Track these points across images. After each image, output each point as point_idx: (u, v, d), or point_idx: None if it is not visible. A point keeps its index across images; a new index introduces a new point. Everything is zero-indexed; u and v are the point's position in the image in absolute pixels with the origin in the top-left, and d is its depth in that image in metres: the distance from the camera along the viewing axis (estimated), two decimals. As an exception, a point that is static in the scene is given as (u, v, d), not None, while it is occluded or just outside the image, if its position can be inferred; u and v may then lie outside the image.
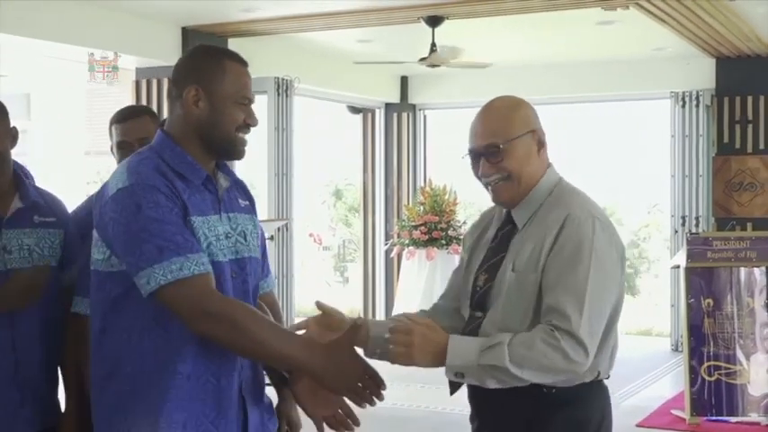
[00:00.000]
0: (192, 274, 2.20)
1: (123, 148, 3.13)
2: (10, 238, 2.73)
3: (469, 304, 2.51)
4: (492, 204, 2.61)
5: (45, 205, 2.85)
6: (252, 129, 2.43)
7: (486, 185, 2.50)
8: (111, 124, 3.19)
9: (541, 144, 2.48)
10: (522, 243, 2.42)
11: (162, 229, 2.21)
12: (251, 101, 2.41)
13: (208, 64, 2.38)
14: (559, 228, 2.35)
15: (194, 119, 2.35)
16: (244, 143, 2.41)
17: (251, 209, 2.53)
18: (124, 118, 3.21)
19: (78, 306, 2.78)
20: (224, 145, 2.38)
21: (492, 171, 2.45)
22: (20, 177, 2.82)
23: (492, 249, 2.51)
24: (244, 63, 2.42)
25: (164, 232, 2.21)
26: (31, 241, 2.76)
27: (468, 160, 2.52)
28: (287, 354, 2.26)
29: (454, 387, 2.44)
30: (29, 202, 2.79)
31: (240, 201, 2.49)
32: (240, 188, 2.52)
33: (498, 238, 2.52)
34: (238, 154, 2.41)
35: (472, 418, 2.56)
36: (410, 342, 2.29)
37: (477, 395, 2.47)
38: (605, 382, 2.51)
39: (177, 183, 2.30)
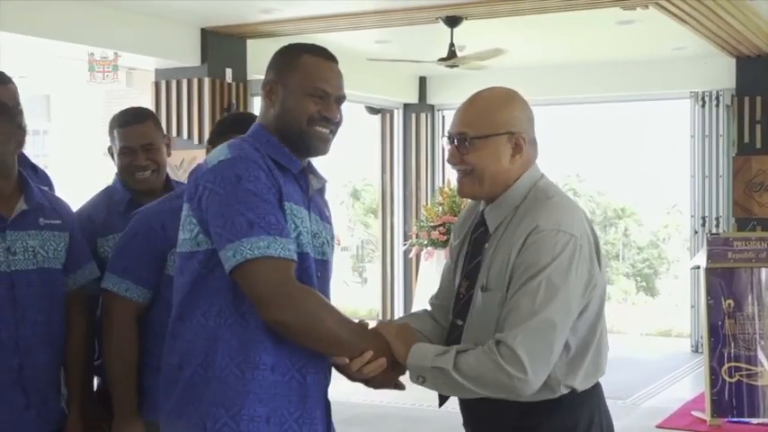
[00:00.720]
0: (278, 256, 2.15)
1: (126, 155, 3.11)
2: (15, 239, 2.72)
3: (452, 310, 2.45)
4: None
5: (50, 208, 2.85)
6: (334, 122, 2.37)
7: (455, 173, 2.44)
8: (113, 128, 3.13)
9: (518, 149, 2.34)
10: (494, 251, 2.33)
11: (257, 204, 2.16)
12: (328, 93, 2.35)
13: (285, 58, 2.38)
14: (523, 241, 2.24)
15: (271, 112, 2.36)
16: (320, 137, 2.35)
17: (330, 221, 2.48)
18: (127, 122, 3.14)
19: (108, 282, 2.83)
20: (295, 138, 2.33)
21: (456, 161, 2.38)
22: (25, 179, 2.82)
23: (469, 253, 2.44)
24: (326, 56, 2.40)
25: (258, 208, 2.16)
26: (35, 243, 2.76)
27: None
28: (362, 346, 2.25)
29: (442, 399, 2.46)
30: (34, 204, 2.79)
31: (324, 209, 2.46)
32: (323, 197, 2.49)
33: (473, 241, 2.43)
34: (314, 149, 2.36)
35: (465, 425, 2.53)
36: (390, 330, 2.35)
37: (465, 404, 2.46)
38: (599, 386, 2.41)
39: (272, 168, 2.26)
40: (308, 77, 2.34)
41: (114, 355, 2.79)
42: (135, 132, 3.13)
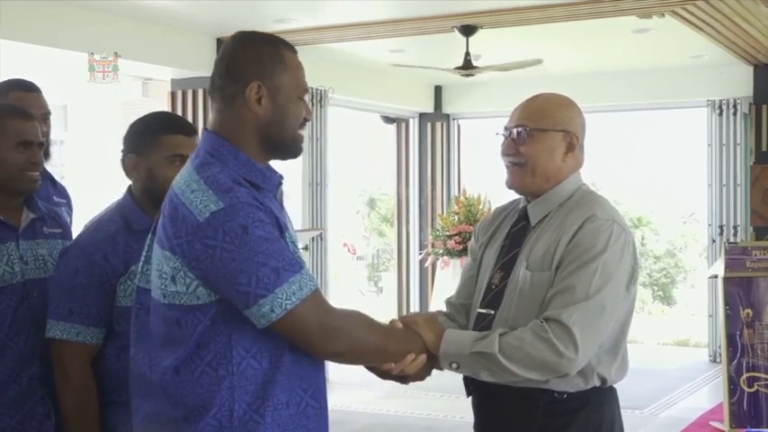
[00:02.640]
0: (311, 291, 2.06)
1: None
2: (25, 249, 2.75)
3: (481, 302, 2.47)
4: (505, 200, 2.65)
5: (50, 217, 2.88)
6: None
7: (506, 166, 2.50)
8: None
9: (571, 147, 2.45)
10: (536, 240, 2.41)
11: (273, 248, 2.03)
12: (307, 92, 2.25)
13: (268, 56, 2.16)
14: (578, 227, 2.33)
15: (255, 119, 2.14)
16: (302, 140, 2.25)
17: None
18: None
19: (54, 330, 2.62)
20: (286, 144, 2.20)
21: (511, 151, 2.46)
22: None
23: (506, 247, 2.49)
24: (295, 50, 2.23)
25: (275, 252, 2.02)
26: (44, 252, 2.78)
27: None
28: (405, 350, 2.26)
29: (469, 390, 2.48)
30: (39, 213, 2.82)
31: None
32: None
33: (511, 235, 2.50)
34: (298, 152, 2.26)
35: (477, 427, 2.53)
36: (419, 321, 2.39)
37: (483, 403, 2.47)
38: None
39: (258, 195, 2.11)
40: (297, 78, 2.22)
41: (73, 408, 2.61)
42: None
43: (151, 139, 2.69)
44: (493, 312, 2.41)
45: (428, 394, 7.18)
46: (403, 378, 2.36)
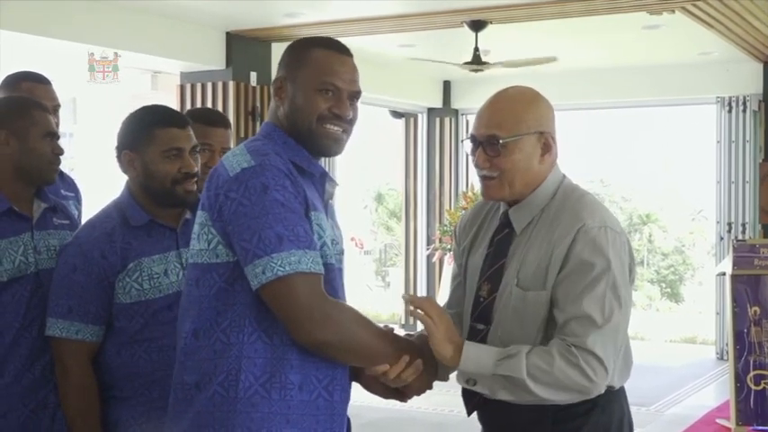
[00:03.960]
0: (310, 271, 2.03)
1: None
2: (39, 239, 2.77)
3: (471, 315, 2.37)
4: None
5: (58, 207, 2.90)
6: (346, 120, 2.22)
7: (479, 177, 2.35)
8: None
9: (548, 148, 2.29)
10: (524, 251, 2.27)
11: (285, 216, 2.03)
12: (339, 88, 2.19)
13: (295, 53, 2.23)
14: (571, 241, 2.19)
15: (281, 111, 2.21)
16: (330, 136, 2.20)
17: (340, 229, 2.35)
18: (214, 122, 3.04)
19: (53, 328, 2.62)
20: (305, 137, 2.19)
21: (486, 165, 2.29)
22: None
23: (490, 256, 2.35)
24: (338, 49, 2.23)
25: (286, 220, 2.02)
26: (55, 242, 2.80)
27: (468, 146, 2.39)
28: (398, 352, 2.19)
29: (470, 408, 2.41)
30: (50, 203, 2.85)
31: (335, 215, 2.33)
32: (332, 203, 2.34)
33: (495, 243, 2.35)
34: (326, 149, 2.22)
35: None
36: (437, 327, 2.24)
37: (490, 418, 2.39)
38: (637, 397, 2.42)
39: (297, 176, 2.12)
40: (317, 72, 2.18)
41: (74, 406, 2.61)
42: (221, 135, 3.18)
43: (145, 134, 2.67)
44: (485, 327, 2.32)
45: (435, 389, 7.17)
46: (402, 394, 2.29)
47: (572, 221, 2.21)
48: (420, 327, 2.33)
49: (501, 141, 2.26)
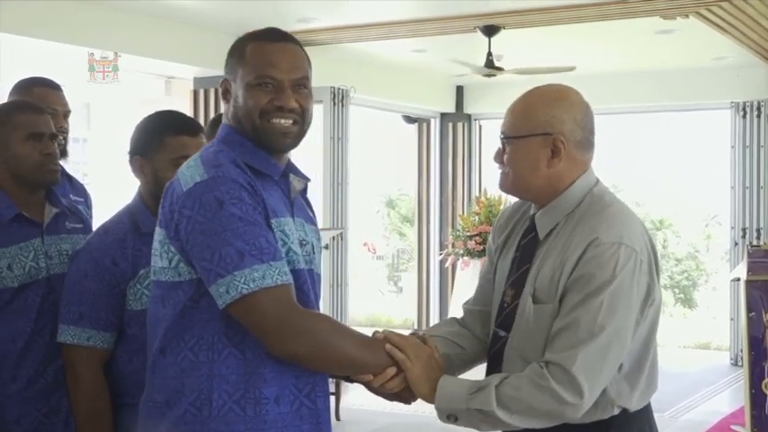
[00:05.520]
0: (276, 284, 1.96)
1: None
2: (50, 244, 2.78)
3: (495, 320, 2.31)
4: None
5: (71, 212, 2.91)
6: (293, 111, 2.12)
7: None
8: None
9: (557, 151, 2.19)
10: (544, 259, 2.20)
11: (244, 229, 1.96)
12: (277, 79, 2.10)
13: (234, 51, 2.18)
14: (581, 253, 2.10)
15: (230, 113, 2.16)
16: (278, 130, 2.12)
17: (315, 221, 2.30)
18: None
19: (65, 335, 2.61)
20: (254, 136, 2.12)
21: (498, 159, 2.29)
22: None
23: (516, 260, 2.29)
24: (274, 38, 2.16)
25: (246, 234, 1.96)
26: (67, 246, 2.80)
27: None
28: (383, 363, 2.14)
29: None
30: (61, 208, 2.85)
31: (308, 210, 2.28)
32: (306, 197, 2.30)
33: (521, 248, 2.29)
34: (275, 144, 2.13)
35: None
36: (413, 364, 2.19)
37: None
38: (648, 405, 2.29)
39: (254, 180, 2.06)
40: (253, 66, 2.10)
41: (85, 413, 2.59)
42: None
43: (156, 141, 2.65)
44: (506, 335, 2.26)
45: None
46: (404, 397, 2.24)
47: (587, 234, 2.13)
48: (431, 323, 2.30)
49: (506, 138, 2.24)
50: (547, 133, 2.19)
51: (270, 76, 2.10)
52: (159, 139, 2.65)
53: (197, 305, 2.04)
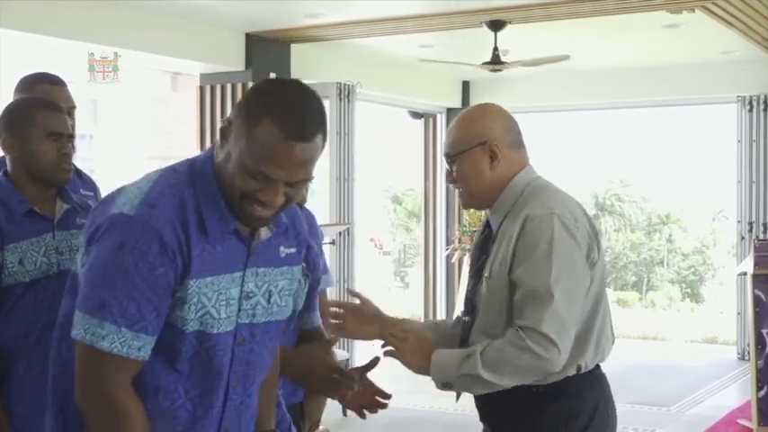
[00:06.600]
0: (110, 352, 1.85)
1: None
2: (61, 240, 2.80)
3: (464, 308, 2.60)
4: None
5: (82, 207, 2.93)
6: (275, 206, 1.92)
7: None
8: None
9: (494, 155, 2.50)
10: (497, 248, 2.47)
11: (123, 285, 1.85)
12: (272, 180, 1.87)
13: (250, 109, 1.89)
14: (519, 230, 2.39)
15: (219, 155, 1.95)
16: (251, 216, 1.93)
17: (294, 258, 2.12)
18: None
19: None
20: (228, 200, 1.96)
21: (450, 180, 2.58)
22: None
23: (475, 254, 2.61)
24: (291, 132, 1.84)
25: (120, 289, 1.85)
26: (78, 242, 2.81)
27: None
28: None
29: (459, 393, 2.59)
30: (72, 204, 2.88)
31: (282, 249, 2.08)
32: (291, 231, 2.12)
33: (480, 244, 2.60)
34: (244, 222, 1.96)
35: (481, 419, 2.66)
36: (404, 343, 2.48)
37: (478, 398, 2.57)
38: (601, 372, 2.53)
39: (193, 231, 1.91)
40: (256, 154, 1.85)
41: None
42: None
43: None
44: (470, 318, 2.55)
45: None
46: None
47: (522, 214, 2.42)
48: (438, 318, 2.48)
49: (451, 157, 2.54)
50: (482, 142, 2.50)
51: (266, 174, 1.86)
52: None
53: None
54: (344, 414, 6.69)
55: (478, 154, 2.50)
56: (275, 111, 1.85)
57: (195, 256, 1.90)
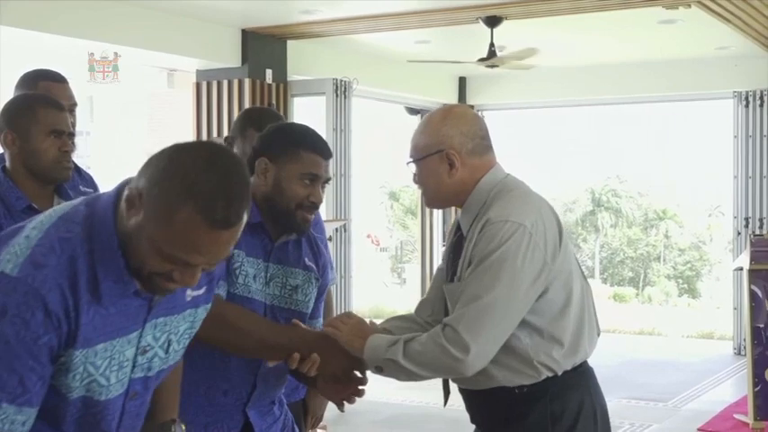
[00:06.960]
0: None
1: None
2: None
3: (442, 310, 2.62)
4: None
5: None
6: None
7: None
8: (250, 128, 2.98)
9: (452, 163, 2.46)
10: (467, 250, 2.45)
11: (5, 353, 1.67)
12: (188, 264, 1.70)
13: (164, 186, 1.68)
14: (479, 233, 2.39)
15: (131, 221, 1.73)
16: (155, 290, 1.77)
17: (200, 299, 1.96)
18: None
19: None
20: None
21: (414, 180, 2.58)
22: None
23: (448, 259, 2.59)
24: (214, 221, 1.65)
25: (1, 361, 1.67)
26: None
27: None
28: None
29: (446, 397, 2.65)
30: (70, 200, 2.87)
31: (189, 292, 1.91)
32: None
33: (453, 246, 2.59)
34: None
35: (471, 421, 2.66)
36: (345, 325, 2.49)
37: (465, 398, 2.59)
38: (587, 368, 2.50)
39: (84, 294, 1.72)
40: (174, 240, 1.66)
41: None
42: None
43: (290, 150, 2.51)
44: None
45: (452, 385, 7.19)
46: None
47: (485, 217, 2.40)
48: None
49: (411, 161, 2.55)
50: (440, 150, 2.48)
51: (186, 261, 1.70)
52: (294, 149, 2.48)
53: None
54: (341, 410, 6.71)
55: (436, 161, 2.48)
56: (198, 196, 1.64)
57: (84, 324, 1.71)
